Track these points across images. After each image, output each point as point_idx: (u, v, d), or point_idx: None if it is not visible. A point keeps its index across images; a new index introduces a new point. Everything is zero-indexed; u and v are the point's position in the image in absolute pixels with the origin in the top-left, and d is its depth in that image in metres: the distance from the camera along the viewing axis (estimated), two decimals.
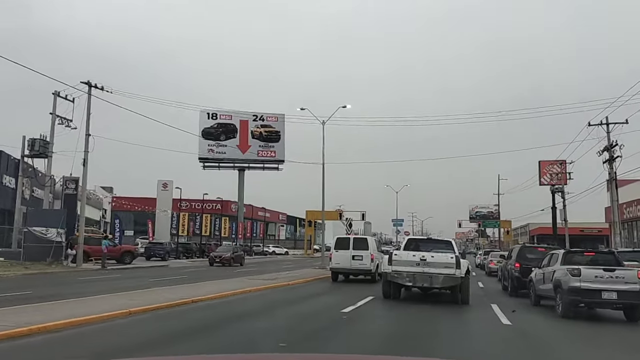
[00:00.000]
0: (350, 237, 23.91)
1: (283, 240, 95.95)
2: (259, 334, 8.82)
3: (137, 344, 8.13)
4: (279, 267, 33.35)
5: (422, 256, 14.23)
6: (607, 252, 14.23)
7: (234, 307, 12.67)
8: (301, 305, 13.48)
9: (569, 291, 12.10)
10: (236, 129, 70.87)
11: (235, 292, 15.26)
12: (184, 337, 8.58)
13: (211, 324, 10.19)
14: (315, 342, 8.33)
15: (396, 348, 8.17)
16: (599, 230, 71.32)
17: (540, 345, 9.36)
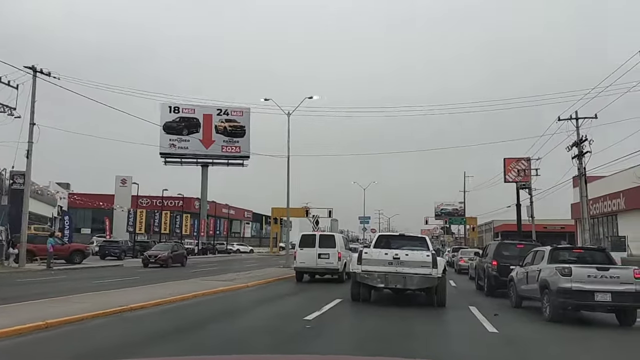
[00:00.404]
0: (316, 234, 22.33)
1: (248, 238, 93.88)
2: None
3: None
4: (241, 266, 31.54)
5: (395, 254, 12.78)
6: (597, 249, 13.03)
7: (173, 317, 10.89)
8: (258, 312, 11.75)
9: (559, 292, 10.89)
10: (199, 123, 68.63)
11: (183, 296, 13.40)
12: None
13: (131, 342, 8.22)
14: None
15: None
16: (562, 227, 71.81)
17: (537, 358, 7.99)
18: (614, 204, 44.56)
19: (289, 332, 8.95)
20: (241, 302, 13.35)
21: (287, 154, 31.17)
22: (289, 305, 13.15)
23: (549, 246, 13.41)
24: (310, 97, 31.74)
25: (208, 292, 14.71)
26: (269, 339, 8.31)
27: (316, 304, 12.40)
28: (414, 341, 8.55)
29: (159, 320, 10.52)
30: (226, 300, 13.74)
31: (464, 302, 14.82)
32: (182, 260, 33.12)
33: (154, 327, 9.64)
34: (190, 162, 68.53)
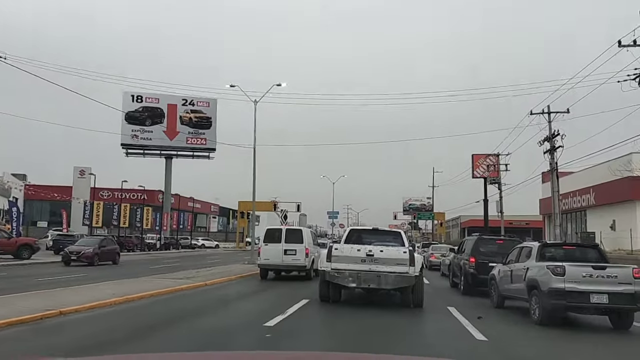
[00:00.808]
0: (282, 229, 20.71)
1: (215, 232, 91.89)
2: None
3: None
4: (203, 262, 29.86)
5: (368, 251, 11.47)
6: (590, 245, 11.88)
7: (117, 321, 9.38)
8: (210, 317, 10.21)
9: (550, 294, 9.82)
10: (163, 113, 66.32)
11: (127, 298, 11.77)
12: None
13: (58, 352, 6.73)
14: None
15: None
16: (527, 223, 72.37)
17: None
18: (583, 200, 44.46)
19: (243, 344, 7.44)
20: (193, 305, 11.78)
21: (254, 144, 29.62)
22: (249, 308, 11.66)
23: (537, 242, 12.33)
24: (279, 84, 30.34)
25: (158, 293, 13.07)
26: (223, 350, 6.81)
27: (280, 306, 10.99)
28: (392, 352, 7.23)
29: (114, 323, 9.15)
30: (176, 303, 12.12)
31: (440, 302, 13.65)
32: (113, 258, 28.48)
33: (71, 337, 8.04)
34: (154, 154, 66.20)
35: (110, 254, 28.40)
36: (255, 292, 15.33)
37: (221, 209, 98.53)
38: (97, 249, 26.98)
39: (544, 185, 53.57)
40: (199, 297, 13.31)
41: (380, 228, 14.87)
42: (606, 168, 37.76)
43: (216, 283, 16.76)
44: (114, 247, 29.76)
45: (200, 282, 16.07)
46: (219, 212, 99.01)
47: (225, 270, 21.90)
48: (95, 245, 27.25)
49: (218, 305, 11.70)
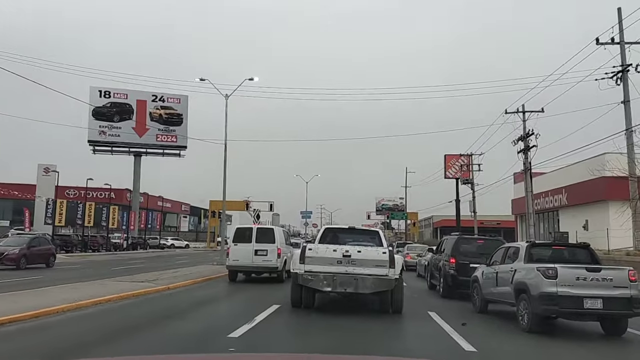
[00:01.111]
0: (252, 228, 19.48)
1: (185, 232, 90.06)
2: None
3: None
4: (171, 263, 28.63)
5: (345, 251, 10.56)
6: (580, 245, 11.14)
7: (41, 337, 8.20)
8: (168, 327, 9.06)
9: (542, 298, 9.04)
10: (132, 109, 64.45)
11: (78, 304, 10.60)
12: None
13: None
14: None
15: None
16: (498, 223, 72.75)
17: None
18: (556, 200, 44.52)
19: None
20: (148, 314, 10.65)
21: (224, 140, 28.49)
22: (213, 316, 10.57)
23: (525, 242, 11.59)
24: (251, 78, 29.29)
25: (113, 298, 11.88)
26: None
27: (247, 313, 9.98)
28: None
29: (61, 334, 8.11)
30: (128, 311, 10.96)
31: (420, 305, 12.85)
32: (47, 260, 25.07)
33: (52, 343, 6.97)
34: (122, 151, 64.34)
35: (43, 255, 25.06)
36: (222, 296, 14.25)
37: (192, 208, 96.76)
38: (26, 249, 23.64)
39: (516, 185, 53.68)
40: (158, 304, 12.18)
41: (357, 227, 13.99)
42: (579, 168, 37.75)
43: (180, 287, 15.60)
44: (48, 247, 26.39)
45: (162, 285, 14.93)
46: (189, 211, 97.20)
47: (192, 272, 20.75)
48: (22, 246, 23.81)
49: (177, 314, 10.55)
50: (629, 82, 22.20)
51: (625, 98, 22.26)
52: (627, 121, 22.17)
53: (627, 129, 21.96)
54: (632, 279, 9.06)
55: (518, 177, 51.03)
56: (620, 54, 22.40)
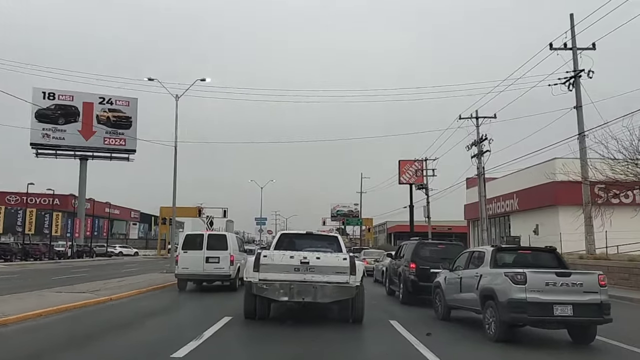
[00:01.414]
0: (203, 234, 18.59)
1: (135, 239, 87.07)
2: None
3: None
4: (117, 272, 27.14)
5: (303, 258, 9.86)
6: (546, 249, 10.57)
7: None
8: (105, 345, 8.09)
9: (510, 305, 8.56)
10: (78, 112, 61.91)
11: (6, 319, 9.49)
12: None
13: None
14: None
15: None
16: (449, 228, 73.77)
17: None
18: (507, 205, 45.24)
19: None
20: (87, 329, 9.55)
21: (175, 143, 27.28)
22: (156, 332, 9.47)
23: (490, 246, 11.13)
24: (203, 79, 28.20)
25: (45, 312, 10.72)
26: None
27: (195, 327, 9.09)
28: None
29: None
30: (64, 326, 9.87)
31: (380, 313, 12.28)
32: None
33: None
34: (67, 155, 61.56)
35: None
36: (169, 307, 13.21)
37: (142, 215, 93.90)
38: None
39: (468, 190, 54.40)
40: (97, 318, 11.07)
41: (315, 232, 13.30)
42: (529, 173, 38.43)
43: (124, 297, 14.48)
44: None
45: (104, 296, 13.78)
46: (139, 218, 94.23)
47: (139, 281, 19.55)
48: None
49: (117, 329, 9.50)
50: (581, 87, 22.47)
51: (577, 103, 22.55)
52: (580, 126, 22.45)
53: (580, 134, 22.22)
54: (602, 284, 8.72)
55: (470, 182, 51.72)
56: (573, 60, 22.71)
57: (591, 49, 22.56)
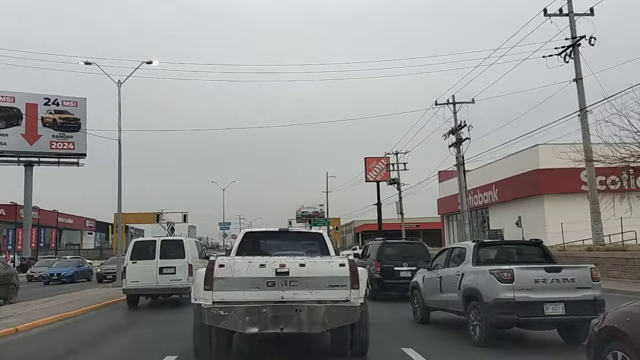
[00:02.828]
0: (156, 240, 15.61)
1: (90, 249, 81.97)
2: None
3: None
4: (55, 289, 23.29)
5: (279, 266, 6.57)
6: (531, 242, 9.68)
7: None
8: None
9: (498, 306, 7.79)
10: (21, 114, 56.88)
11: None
12: None
13: None
14: None
15: None
16: (417, 225, 72.11)
17: None
18: (485, 197, 42.91)
19: None
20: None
21: (119, 136, 23.57)
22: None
23: (472, 241, 9.83)
24: (149, 61, 24.55)
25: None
26: None
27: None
28: None
29: None
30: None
31: (388, 339, 9.15)
32: None
33: None
34: (10, 161, 56.54)
35: None
36: (94, 341, 9.49)
37: (98, 223, 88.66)
38: None
39: (441, 184, 52.04)
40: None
41: (292, 229, 10.08)
42: (510, 162, 36.16)
43: (39, 325, 10.88)
44: None
45: (10, 326, 10.17)
46: (95, 227, 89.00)
47: (74, 300, 15.94)
48: None
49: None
50: (580, 57, 19.94)
51: (577, 75, 20.01)
52: (581, 101, 19.89)
53: (582, 110, 19.66)
54: (595, 278, 8.00)
55: (443, 175, 49.32)
56: (570, 27, 20.17)
57: (589, 14, 20.08)
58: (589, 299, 7.80)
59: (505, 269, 7.90)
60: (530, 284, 7.78)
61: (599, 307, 7.71)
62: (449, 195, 49.13)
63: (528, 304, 7.69)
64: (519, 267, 8.02)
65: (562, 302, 7.70)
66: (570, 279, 7.88)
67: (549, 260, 8.93)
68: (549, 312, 7.69)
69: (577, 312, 7.72)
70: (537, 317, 7.75)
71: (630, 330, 4.18)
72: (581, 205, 26.42)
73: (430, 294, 10.21)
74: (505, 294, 7.75)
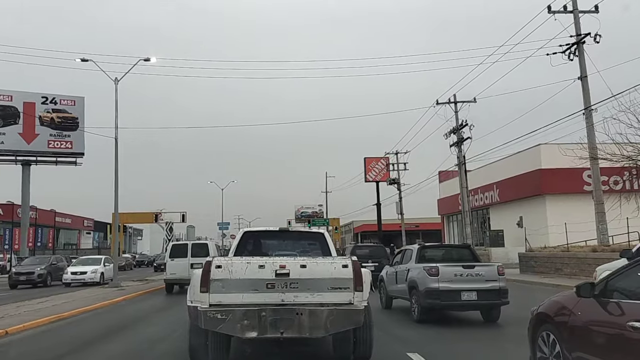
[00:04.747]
0: (188, 244, 21.18)
1: (89, 249, 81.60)
2: None
3: None
4: (50, 289, 22.90)
5: (279, 267, 6.24)
6: (462, 245, 13.46)
7: None
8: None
9: (427, 293, 10.45)
10: (18, 113, 56.46)
11: None
12: None
13: None
14: None
15: None
16: (416, 225, 71.76)
17: None
18: (486, 197, 42.56)
19: None
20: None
21: (115, 134, 23.23)
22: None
23: (417, 244, 12.87)
24: (147, 59, 24.17)
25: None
26: None
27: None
28: None
29: None
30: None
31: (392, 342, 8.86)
32: None
33: None
34: (7, 160, 56.15)
35: None
36: (84, 345, 9.22)
37: (97, 223, 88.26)
38: None
39: (441, 184, 51.70)
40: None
41: (293, 228, 9.79)
42: (511, 162, 35.79)
43: (31, 328, 10.56)
44: None
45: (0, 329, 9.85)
46: (93, 226, 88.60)
47: (68, 301, 15.61)
48: None
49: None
50: (585, 55, 19.63)
51: (582, 73, 19.69)
52: (586, 99, 19.57)
53: (586, 108, 19.34)
54: (500, 273, 10.55)
55: (444, 175, 48.98)
56: (574, 24, 19.86)
57: (594, 11, 19.77)
58: (495, 289, 10.34)
59: (433, 266, 10.53)
60: (451, 277, 10.34)
61: (502, 295, 10.37)
62: (449, 196, 48.83)
63: (449, 291, 10.23)
64: (443, 265, 10.65)
65: (475, 291, 10.27)
66: (481, 274, 10.45)
67: (474, 260, 11.45)
68: (464, 298, 10.29)
69: (486, 298, 10.33)
70: (456, 301, 10.36)
71: (555, 315, 5.27)
72: (583, 206, 26.11)
73: (390, 285, 12.72)
74: (433, 285, 10.29)
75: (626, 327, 4.15)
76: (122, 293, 19.00)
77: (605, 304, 4.59)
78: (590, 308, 4.74)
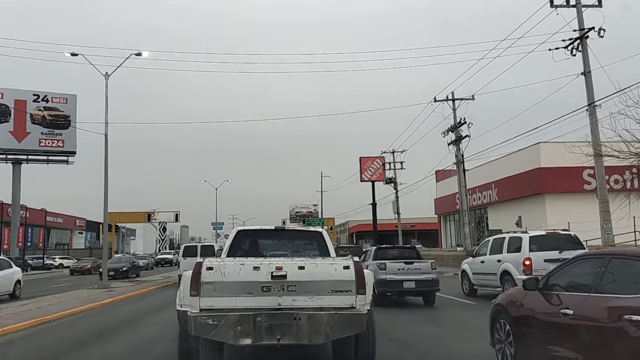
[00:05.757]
0: (197, 245, 25.23)
1: (81, 249, 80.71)
2: None
3: None
4: (36, 290, 22.25)
5: (275, 268, 5.66)
6: (409, 247, 16.50)
7: None
8: None
9: (378, 283, 12.62)
10: (9, 110, 55.55)
11: None
12: None
13: None
14: None
15: None
16: (412, 225, 71.33)
17: None
18: (484, 196, 42.07)
19: None
20: None
21: (105, 130, 22.57)
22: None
23: (375, 246, 17.04)
24: (138, 53, 23.51)
25: None
26: None
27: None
28: None
29: None
30: None
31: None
32: None
33: None
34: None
35: None
36: (88, 341, 8.52)
37: (89, 223, 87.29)
38: None
39: (438, 184, 51.15)
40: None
41: (289, 227, 9.18)
42: (510, 161, 35.32)
43: (17, 330, 9.96)
44: None
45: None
46: (86, 226, 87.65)
47: (52, 303, 14.98)
48: None
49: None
50: (588, 50, 19.15)
51: (585, 69, 19.20)
52: (589, 95, 19.08)
53: (590, 104, 18.85)
54: (433, 268, 13.79)
55: (440, 175, 48.44)
56: (577, 19, 19.37)
57: (597, 5, 19.30)
58: (429, 279, 13.61)
59: (382, 262, 13.81)
60: (395, 270, 13.65)
61: (434, 284, 13.67)
62: (446, 195, 48.32)
63: (394, 281, 13.53)
64: (390, 261, 13.92)
65: (414, 281, 13.55)
66: (419, 268, 13.74)
67: (418, 257, 14.45)
68: (405, 287, 13.54)
69: (422, 286, 13.63)
70: (399, 289, 13.65)
71: (509, 307, 6.10)
72: (584, 205, 25.69)
73: None
74: (382, 276, 13.43)
75: (559, 314, 4.90)
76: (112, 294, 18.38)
77: (546, 295, 5.34)
78: (533, 299, 5.53)
